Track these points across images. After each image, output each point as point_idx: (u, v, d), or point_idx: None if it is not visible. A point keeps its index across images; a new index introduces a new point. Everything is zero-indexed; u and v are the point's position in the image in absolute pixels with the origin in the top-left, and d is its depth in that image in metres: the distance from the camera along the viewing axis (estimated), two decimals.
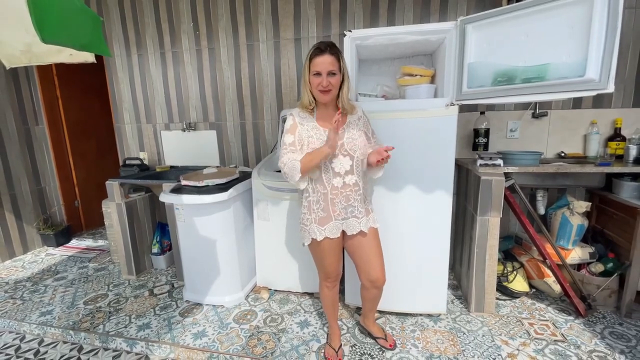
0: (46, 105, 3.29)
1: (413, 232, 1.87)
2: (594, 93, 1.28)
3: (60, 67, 3.30)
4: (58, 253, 3.19)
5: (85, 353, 1.85)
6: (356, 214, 1.48)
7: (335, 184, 1.44)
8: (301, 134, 1.43)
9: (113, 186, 2.48)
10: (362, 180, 1.49)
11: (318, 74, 1.35)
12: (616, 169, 1.82)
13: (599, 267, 1.98)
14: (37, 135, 3.30)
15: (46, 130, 3.31)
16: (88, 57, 1.48)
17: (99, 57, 1.66)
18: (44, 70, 3.23)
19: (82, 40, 1.12)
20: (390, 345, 1.72)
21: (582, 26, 1.26)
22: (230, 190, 2.05)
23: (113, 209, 2.53)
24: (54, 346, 1.92)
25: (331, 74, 1.35)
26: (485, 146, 2.26)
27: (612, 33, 1.22)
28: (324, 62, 1.33)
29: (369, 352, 1.71)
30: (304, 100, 1.44)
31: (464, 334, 1.82)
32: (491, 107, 2.32)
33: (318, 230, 1.46)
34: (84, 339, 1.94)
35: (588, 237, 2.19)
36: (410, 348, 1.72)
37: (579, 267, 2.10)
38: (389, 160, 1.41)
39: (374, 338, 1.79)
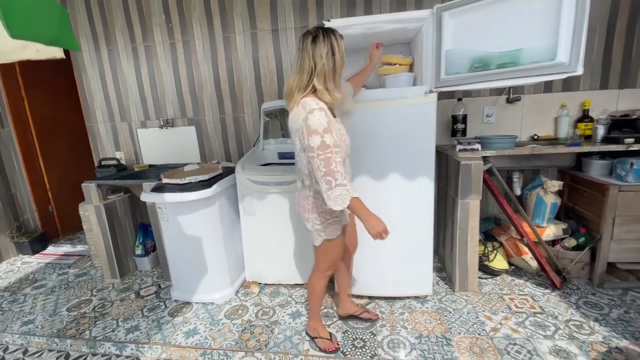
0: (11, 106, 3.10)
1: (398, 218, 1.90)
2: (564, 76, 1.34)
3: (25, 65, 3.11)
4: (35, 261, 3.06)
5: None
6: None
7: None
8: (336, 130, 1.33)
9: (90, 188, 2.39)
10: None
11: None
12: (585, 148, 1.92)
13: (571, 242, 2.10)
14: (3, 139, 3.12)
15: (13, 133, 3.14)
16: (56, 53, 1.40)
17: (66, 53, 1.58)
18: (7, 70, 3.04)
19: (50, 34, 1.06)
20: (375, 316, 1.85)
21: (553, 11, 1.31)
22: (215, 187, 2.02)
23: (91, 212, 2.45)
24: (39, 355, 1.86)
25: None
26: (464, 132, 2.33)
27: (580, 17, 1.27)
28: None
29: (360, 336, 1.76)
30: (336, 92, 1.35)
31: (450, 312, 1.90)
32: (468, 94, 2.38)
33: (348, 215, 1.52)
34: (71, 345, 1.89)
35: (561, 215, 2.31)
36: (400, 330, 1.78)
37: (554, 243, 2.21)
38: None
39: (357, 317, 1.87)
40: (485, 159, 1.95)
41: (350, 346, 1.69)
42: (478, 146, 1.93)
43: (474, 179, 1.89)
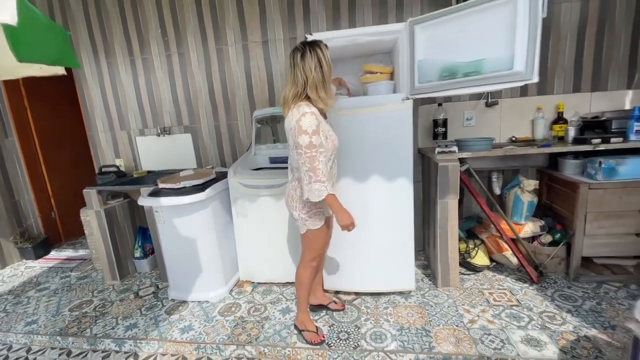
0: (14, 116, 3.24)
1: (381, 218, 2.02)
2: (521, 83, 1.46)
3: (28, 77, 3.25)
4: (38, 265, 3.17)
5: (74, 357, 1.91)
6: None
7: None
8: (324, 131, 1.52)
9: (91, 194, 2.52)
10: None
11: None
12: (556, 149, 2.03)
13: (547, 238, 2.20)
14: (7, 148, 3.26)
15: (16, 142, 3.27)
16: (58, 70, 1.53)
17: (68, 67, 1.71)
18: (10, 81, 3.18)
19: (53, 56, 1.19)
20: (342, 306, 2.04)
21: (509, 25, 1.44)
22: (208, 190, 2.14)
23: (92, 217, 2.56)
24: (42, 353, 1.97)
25: None
26: (444, 135, 2.45)
27: (533, 31, 1.39)
28: None
29: (345, 329, 1.86)
30: (328, 99, 1.53)
31: (432, 306, 2.00)
32: (448, 99, 2.49)
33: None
34: (72, 343, 2.00)
35: (540, 212, 2.41)
36: (383, 323, 1.89)
37: (533, 239, 2.32)
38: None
39: (326, 307, 2.03)
40: (462, 160, 2.07)
41: (335, 338, 1.79)
42: (455, 148, 2.04)
43: (451, 179, 2.00)
